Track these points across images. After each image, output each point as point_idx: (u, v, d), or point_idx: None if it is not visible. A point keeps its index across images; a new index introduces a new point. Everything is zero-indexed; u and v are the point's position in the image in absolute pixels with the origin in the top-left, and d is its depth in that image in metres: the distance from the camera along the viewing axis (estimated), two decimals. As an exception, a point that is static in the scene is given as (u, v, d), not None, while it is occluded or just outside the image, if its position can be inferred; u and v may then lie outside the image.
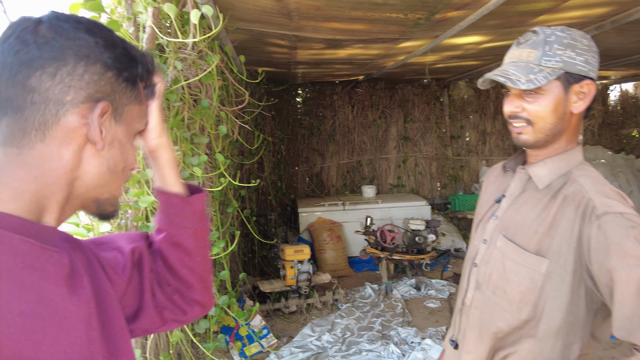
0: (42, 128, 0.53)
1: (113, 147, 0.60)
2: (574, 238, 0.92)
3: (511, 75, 0.94)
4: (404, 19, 2.25)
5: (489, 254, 1.07)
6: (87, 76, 0.55)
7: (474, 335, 1.08)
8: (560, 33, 0.94)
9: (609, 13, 2.56)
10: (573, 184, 0.97)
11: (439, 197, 6.18)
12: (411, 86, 6.00)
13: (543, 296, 0.95)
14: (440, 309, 3.72)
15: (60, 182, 0.55)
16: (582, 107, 0.97)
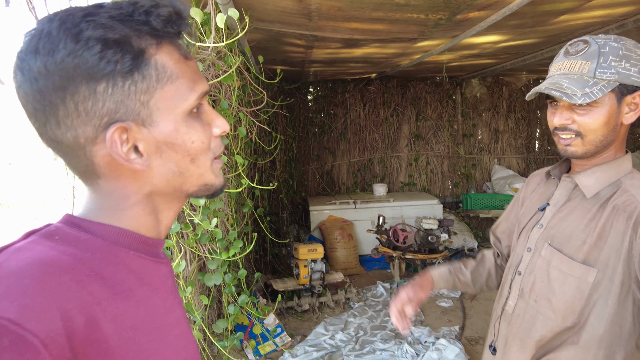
0: (89, 170, 0.52)
1: (163, 152, 0.52)
2: (624, 249, 0.91)
3: (565, 89, 0.91)
4: (424, 20, 2.23)
5: (533, 263, 1.06)
6: (80, 108, 0.48)
7: (516, 344, 1.07)
8: (614, 44, 0.92)
9: (632, 12, 2.51)
10: (623, 193, 0.95)
11: (451, 196, 6.15)
12: (424, 84, 5.95)
13: (589, 306, 0.95)
14: (453, 309, 3.71)
15: (139, 202, 0.55)
16: (633, 118, 0.95)
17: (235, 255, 2.21)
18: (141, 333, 0.50)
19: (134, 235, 0.54)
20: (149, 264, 0.55)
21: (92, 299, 0.46)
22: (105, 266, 0.50)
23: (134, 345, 0.48)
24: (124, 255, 0.52)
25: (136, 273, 0.53)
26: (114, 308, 0.47)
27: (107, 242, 0.52)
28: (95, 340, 0.45)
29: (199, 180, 0.56)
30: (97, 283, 0.47)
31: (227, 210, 2.66)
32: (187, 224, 1.99)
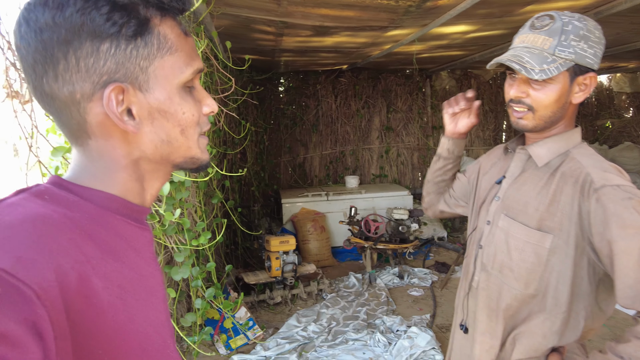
0: (80, 128, 0.53)
1: (155, 119, 0.54)
2: (574, 212, 0.94)
3: (525, 63, 0.94)
4: (395, 6, 2.21)
5: (492, 235, 1.09)
6: (81, 64, 0.49)
7: (485, 315, 1.10)
8: (577, 23, 0.93)
9: (594, 4, 2.59)
10: (571, 161, 0.99)
11: (421, 187, 6.23)
12: (394, 76, 5.99)
13: (548, 270, 0.98)
14: (424, 297, 3.77)
15: (127, 167, 0.56)
16: (581, 98, 0.99)
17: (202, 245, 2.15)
18: (128, 292, 0.51)
19: (122, 201, 0.56)
20: (135, 229, 0.57)
21: (84, 257, 0.47)
22: (94, 227, 0.51)
23: (122, 302, 0.50)
24: (112, 219, 0.54)
25: (123, 237, 0.54)
26: (103, 267, 0.49)
27: (95, 206, 0.53)
28: (86, 295, 0.46)
29: (186, 152, 0.58)
30: (87, 242, 0.49)
31: (195, 202, 2.58)
32: (153, 215, 1.91)
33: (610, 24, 3.01)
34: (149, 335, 0.53)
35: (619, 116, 6.31)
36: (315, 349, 2.87)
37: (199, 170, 0.62)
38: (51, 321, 0.41)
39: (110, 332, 0.48)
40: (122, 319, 0.49)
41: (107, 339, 0.47)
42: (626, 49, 3.96)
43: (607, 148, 5.95)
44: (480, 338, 1.11)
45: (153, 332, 0.54)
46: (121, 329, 0.49)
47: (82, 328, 0.45)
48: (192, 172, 0.63)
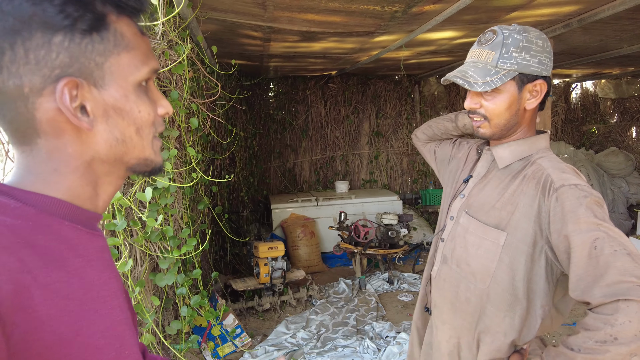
0: (28, 126, 0.49)
1: (110, 117, 0.52)
2: (533, 212, 0.99)
3: (469, 77, 1.01)
4: (381, 12, 2.22)
5: (454, 230, 1.15)
6: (31, 56, 0.46)
7: (447, 307, 1.15)
8: (517, 35, 1.00)
9: (577, 11, 2.62)
10: (532, 165, 1.04)
11: (410, 192, 6.25)
12: (383, 82, 6.02)
13: (501, 267, 1.02)
14: (413, 303, 3.76)
15: (78, 168, 0.53)
16: (534, 104, 1.05)
17: (188, 254, 2.12)
18: (74, 302, 0.48)
19: (69, 206, 0.52)
20: (84, 235, 0.53)
21: (21, 266, 0.44)
22: (36, 235, 0.48)
23: (67, 314, 0.47)
24: (57, 225, 0.51)
25: (70, 244, 0.51)
26: (44, 277, 0.46)
27: (39, 211, 0.50)
28: (25, 307, 0.43)
29: (141, 153, 0.56)
30: (26, 251, 0.45)
31: (180, 208, 2.55)
32: (135, 221, 1.87)
33: (593, 30, 3.06)
34: (99, 347, 0.50)
35: (604, 122, 6.41)
36: (304, 356, 2.84)
37: (152, 174, 0.59)
38: None
39: (51, 346, 0.45)
40: (66, 332, 0.46)
41: (49, 354, 0.45)
42: (610, 56, 4.03)
43: (593, 153, 6.03)
44: (442, 326, 1.16)
45: (105, 344, 0.51)
46: (64, 343, 0.46)
47: (21, 343, 0.42)
48: (146, 175, 0.60)
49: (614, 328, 0.79)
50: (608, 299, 0.81)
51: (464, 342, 1.11)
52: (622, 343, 0.78)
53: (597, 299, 0.83)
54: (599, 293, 0.83)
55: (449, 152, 1.37)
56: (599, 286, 0.83)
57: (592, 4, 2.49)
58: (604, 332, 0.80)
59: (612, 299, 0.80)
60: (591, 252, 0.86)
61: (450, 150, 1.36)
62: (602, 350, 0.79)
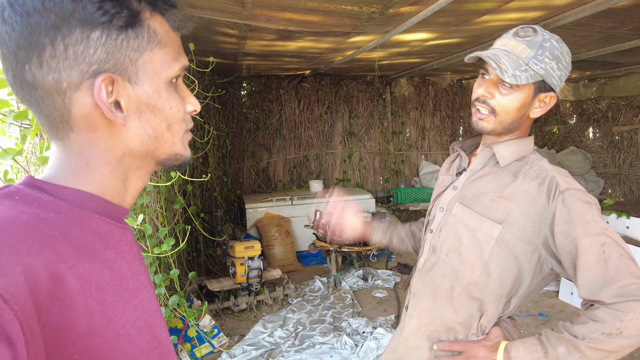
0: (63, 120, 0.51)
1: (143, 113, 0.53)
2: (535, 211, 1.00)
3: (502, 63, 0.98)
4: (358, 12, 2.26)
5: (444, 221, 1.14)
6: (70, 51, 0.47)
7: (427, 295, 1.14)
8: (555, 43, 0.99)
9: (542, 17, 2.76)
10: (533, 165, 1.05)
11: (382, 191, 6.35)
12: (356, 82, 6.09)
13: (492, 259, 1.04)
14: (388, 299, 3.83)
15: (110, 162, 0.54)
16: (538, 114, 1.06)
17: (165, 252, 2.08)
18: (107, 293, 0.49)
19: (99, 200, 0.53)
20: (114, 228, 0.55)
21: (57, 257, 0.45)
22: (69, 227, 0.49)
23: (99, 304, 0.48)
24: (89, 218, 0.52)
25: (101, 236, 0.52)
26: (79, 267, 0.47)
27: (71, 205, 0.51)
28: (60, 297, 0.44)
29: (171, 148, 0.58)
30: (62, 243, 0.46)
31: (156, 207, 2.50)
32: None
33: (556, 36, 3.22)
34: (131, 337, 0.51)
35: (564, 122, 6.74)
36: (282, 354, 2.84)
37: (181, 168, 0.61)
38: (21, 325, 0.39)
39: (86, 335, 0.45)
40: (99, 322, 0.47)
41: (82, 342, 0.45)
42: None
43: (554, 152, 6.33)
44: (417, 314, 1.15)
45: (136, 334, 0.52)
46: (98, 332, 0.47)
47: (56, 331, 0.43)
48: (175, 169, 0.61)
49: (622, 323, 0.86)
50: (620, 299, 0.87)
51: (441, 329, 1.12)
52: (626, 337, 0.85)
53: (610, 299, 0.88)
54: (611, 294, 0.88)
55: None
56: (611, 288, 0.89)
57: (556, 11, 2.63)
58: (612, 326, 0.86)
59: (623, 299, 0.87)
60: (599, 256, 0.90)
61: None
62: (607, 341, 0.86)
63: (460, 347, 1.06)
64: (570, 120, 6.68)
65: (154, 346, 0.54)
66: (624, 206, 3.91)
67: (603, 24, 2.83)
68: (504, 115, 1.03)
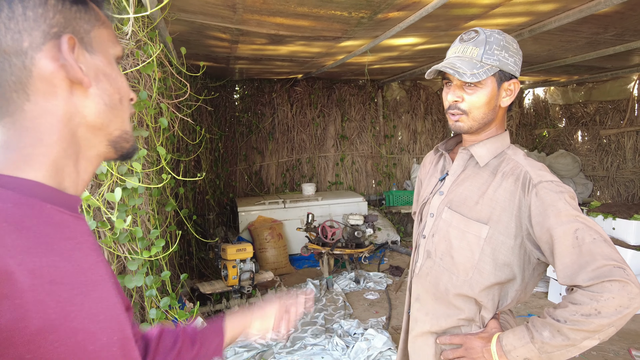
0: (19, 87, 0.50)
1: (100, 81, 0.55)
2: (514, 206, 1.06)
3: (458, 68, 1.06)
4: (347, 17, 2.30)
5: (436, 226, 1.19)
6: (29, 12, 0.49)
7: (429, 297, 1.19)
8: (497, 35, 1.09)
9: (528, 22, 2.82)
10: (510, 162, 1.11)
11: (375, 194, 6.40)
12: (348, 86, 6.14)
13: (485, 258, 1.09)
14: (379, 300, 3.86)
15: (65, 136, 0.52)
16: (508, 102, 1.13)
17: (157, 255, 2.10)
18: (63, 287, 0.47)
19: (51, 189, 0.51)
20: (69, 218, 0.52)
21: (5, 251, 0.43)
22: (18, 218, 0.46)
23: (55, 299, 0.45)
24: (40, 207, 0.49)
25: (55, 226, 0.50)
26: (29, 261, 0.44)
27: (20, 194, 0.48)
28: (8, 295, 0.41)
29: (122, 124, 0.58)
30: (11, 235, 0.44)
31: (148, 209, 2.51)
32: (103, 223, 1.84)
33: (542, 41, 3.29)
34: (91, 332, 0.48)
35: (554, 126, 6.83)
36: (274, 355, 2.86)
37: (129, 155, 0.60)
38: None
39: (38, 333, 0.43)
40: (54, 318, 0.45)
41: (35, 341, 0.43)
42: (557, 64, 4.32)
43: (544, 155, 6.41)
44: (423, 318, 1.20)
45: (96, 328, 0.49)
46: (53, 329, 0.44)
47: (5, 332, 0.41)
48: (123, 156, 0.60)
49: (599, 303, 0.89)
50: (595, 281, 0.91)
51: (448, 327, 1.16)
52: (604, 316, 0.89)
53: (586, 282, 0.92)
54: (587, 277, 0.92)
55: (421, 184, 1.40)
56: (586, 271, 0.92)
57: (541, 16, 2.69)
58: (590, 307, 0.90)
59: (598, 281, 0.91)
60: (574, 242, 0.95)
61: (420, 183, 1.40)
62: (587, 322, 0.90)
63: (460, 340, 1.11)
64: (560, 124, 6.78)
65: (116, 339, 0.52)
66: (610, 208, 3.98)
67: (587, 29, 2.89)
68: (476, 111, 1.10)
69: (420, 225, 1.27)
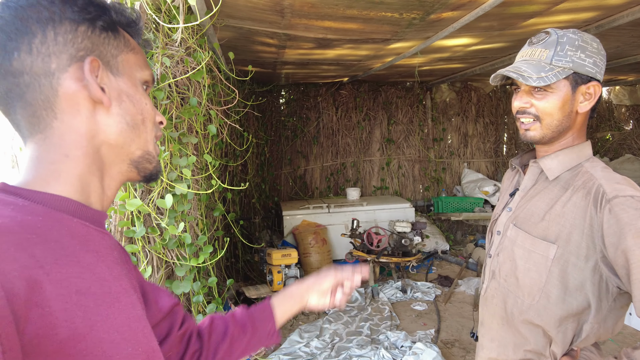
0: (48, 105, 0.53)
1: (122, 101, 0.58)
2: (586, 225, 0.94)
3: (523, 72, 0.98)
4: (398, 19, 2.21)
5: (501, 244, 1.10)
6: (60, 38, 0.53)
7: (496, 323, 1.10)
8: (572, 35, 0.98)
9: (595, 18, 2.60)
10: (584, 175, 0.99)
11: (422, 199, 6.21)
12: (395, 89, 6.01)
13: (553, 281, 0.97)
14: (427, 312, 3.71)
15: (89, 152, 0.55)
16: (587, 107, 1.01)
17: (205, 262, 2.11)
18: (88, 297, 0.48)
19: (77, 203, 0.54)
20: (94, 232, 0.54)
21: (34, 262, 0.44)
22: (47, 230, 0.48)
23: (81, 309, 0.47)
24: (67, 221, 0.52)
25: (80, 239, 0.52)
26: (57, 272, 0.46)
27: (48, 208, 0.51)
28: (38, 303, 0.43)
29: (145, 145, 0.60)
30: (39, 246, 0.46)
31: (196, 215, 2.54)
32: (153, 228, 1.87)
33: (610, 37, 3.03)
34: (115, 342, 0.49)
35: (619, 128, 6.32)
36: (318, 365, 2.81)
37: (151, 178, 0.62)
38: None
39: (67, 341, 0.44)
40: (81, 327, 0.46)
41: (64, 350, 0.44)
42: (626, 62, 3.98)
43: (607, 160, 5.94)
44: (489, 344, 1.12)
45: (120, 339, 0.50)
46: (81, 338, 0.46)
47: (35, 339, 0.42)
48: (146, 177, 0.62)
49: None
50: None
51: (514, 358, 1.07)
52: None
53: None
54: None
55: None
56: None
57: (610, 11, 2.47)
58: None
59: None
60: None
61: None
62: None
63: None
64: (626, 126, 6.26)
65: (141, 351, 0.53)
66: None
67: (665, 23, 2.62)
68: (548, 118, 1.01)
69: (489, 244, 1.19)
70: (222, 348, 0.80)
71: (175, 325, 0.75)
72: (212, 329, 0.82)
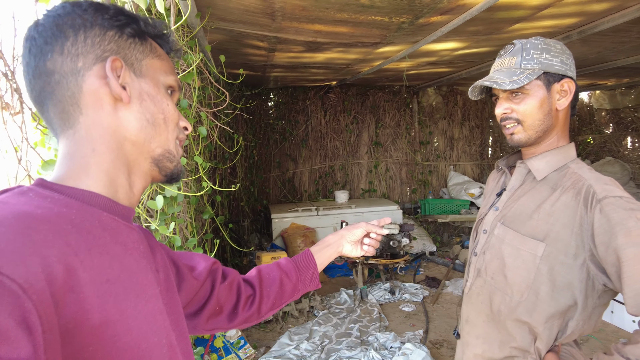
0: (74, 101, 0.57)
1: (144, 100, 0.61)
2: (575, 224, 0.96)
3: (496, 79, 1.03)
4: (388, 23, 2.25)
5: (488, 243, 1.12)
6: (89, 41, 0.57)
7: (481, 320, 1.12)
8: (534, 41, 1.04)
9: (577, 24, 2.67)
10: (572, 175, 1.02)
11: (409, 202, 6.26)
12: (382, 92, 6.06)
13: (541, 278, 0.99)
14: (416, 313, 3.74)
15: (112, 147, 0.59)
16: (565, 104, 1.05)
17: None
18: (118, 286, 0.51)
19: (107, 199, 0.57)
20: (122, 226, 0.58)
21: (70, 249, 0.47)
22: (80, 221, 0.51)
23: (112, 297, 0.49)
24: (98, 214, 0.55)
25: (110, 232, 0.55)
26: (89, 260, 0.49)
27: (81, 202, 0.54)
28: (73, 288, 0.45)
29: (165, 143, 0.63)
30: (74, 236, 0.49)
31: (186, 217, 2.53)
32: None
33: (592, 42, 3.12)
34: (143, 330, 0.52)
35: (600, 132, 6.49)
36: (308, 367, 2.80)
37: (172, 177, 0.64)
38: (39, 315, 0.40)
39: (99, 327, 0.47)
40: (112, 314, 0.49)
41: (96, 334, 0.47)
42: (606, 67, 4.09)
43: (589, 162, 6.09)
44: (474, 341, 1.13)
45: (147, 327, 0.53)
46: (112, 324, 0.48)
47: (71, 322, 0.44)
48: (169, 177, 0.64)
49: None
50: None
51: (500, 355, 1.08)
52: None
53: None
54: None
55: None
56: None
57: (592, 17, 2.54)
58: None
59: None
60: None
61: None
62: None
63: None
64: (607, 130, 6.43)
65: (165, 342, 0.56)
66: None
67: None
68: (529, 119, 1.05)
69: (474, 242, 1.20)
70: (273, 291, 0.89)
71: (217, 280, 0.83)
72: (262, 276, 0.91)
